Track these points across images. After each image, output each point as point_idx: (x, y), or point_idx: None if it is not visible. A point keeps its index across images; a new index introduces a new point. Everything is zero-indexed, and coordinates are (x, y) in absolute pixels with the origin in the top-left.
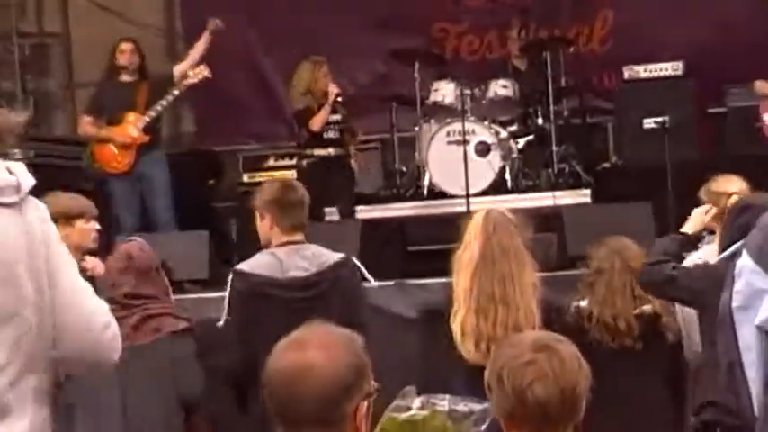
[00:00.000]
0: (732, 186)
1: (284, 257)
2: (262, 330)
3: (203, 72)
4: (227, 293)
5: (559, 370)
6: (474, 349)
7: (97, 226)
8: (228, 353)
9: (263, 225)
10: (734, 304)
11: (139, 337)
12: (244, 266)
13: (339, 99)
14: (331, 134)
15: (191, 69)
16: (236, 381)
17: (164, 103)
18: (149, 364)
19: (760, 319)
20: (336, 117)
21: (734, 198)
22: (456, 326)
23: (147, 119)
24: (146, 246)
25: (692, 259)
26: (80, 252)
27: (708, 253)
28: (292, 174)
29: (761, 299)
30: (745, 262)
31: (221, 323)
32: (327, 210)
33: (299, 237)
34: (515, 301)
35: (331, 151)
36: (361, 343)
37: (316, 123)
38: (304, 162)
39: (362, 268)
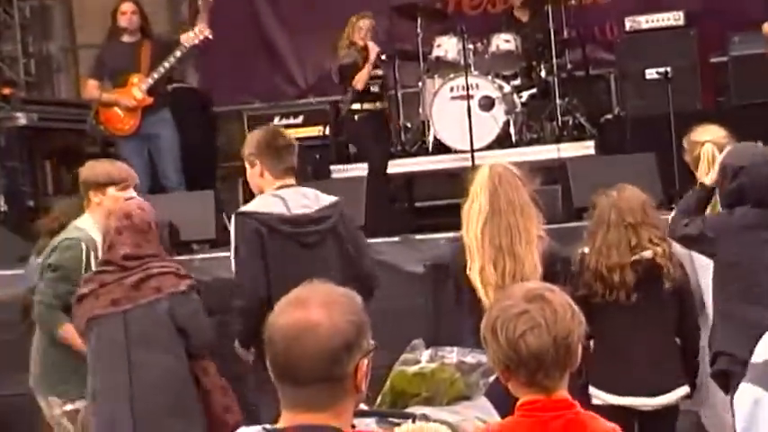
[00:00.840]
0: (705, 135)
1: (287, 196)
2: (276, 267)
3: (204, 32)
4: (232, 236)
5: (551, 319)
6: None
7: (132, 194)
8: (243, 293)
9: (254, 173)
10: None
11: (138, 297)
12: (247, 207)
13: (382, 57)
14: (376, 88)
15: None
16: (250, 323)
17: (166, 64)
18: (151, 323)
19: None
20: (379, 72)
21: (707, 146)
22: (475, 276)
23: (151, 80)
24: (144, 204)
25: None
26: None
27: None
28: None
29: None
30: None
31: (232, 264)
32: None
33: (291, 180)
34: (521, 253)
35: (378, 105)
36: (359, 301)
37: (358, 81)
38: (355, 116)
39: None
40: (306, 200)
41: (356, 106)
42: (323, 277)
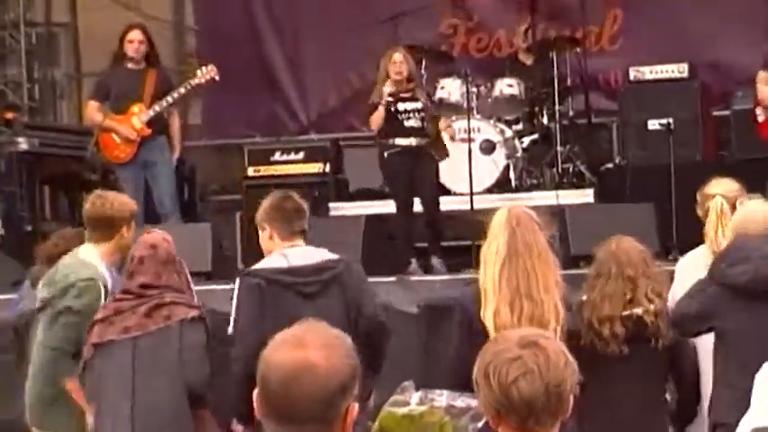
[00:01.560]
0: (717, 188)
1: (290, 254)
2: (271, 319)
3: (211, 73)
4: (235, 296)
5: (545, 366)
6: None
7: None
8: (242, 343)
9: (264, 237)
10: None
11: (150, 324)
12: (251, 267)
13: (390, 99)
14: (412, 122)
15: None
16: (247, 372)
17: (170, 99)
18: (158, 350)
19: None
20: (416, 105)
21: (717, 199)
22: (488, 320)
23: (152, 112)
24: (169, 237)
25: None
26: (114, 258)
27: (696, 257)
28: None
29: None
30: None
31: (230, 328)
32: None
33: (300, 243)
34: (539, 296)
35: (413, 141)
36: (351, 343)
37: (373, 122)
38: (385, 153)
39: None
40: (311, 256)
41: (389, 141)
42: None
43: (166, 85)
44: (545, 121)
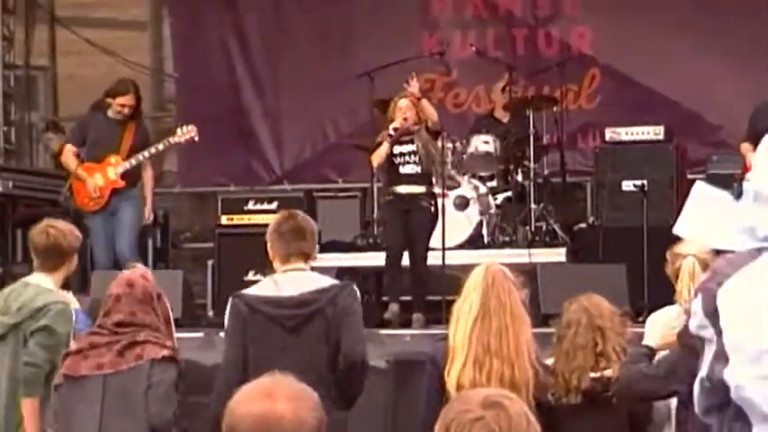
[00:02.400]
0: (690, 249)
1: (280, 280)
2: (253, 347)
3: (191, 133)
4: (226, 319)
5: (506, 427)
6: None
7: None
8: (219, 376)
9: (270, 257)
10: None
11: (122, 363)
12: (241, 292)
13: (391, 133)
14: (408, 169)
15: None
16: (221, 407)
17: (146, 153)
18: (127, 390)
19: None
20: (411, 147)
21: (689, 259)
22: (452, 378)
23: (128, 165)
24: (148, 274)
25: (655, 319)
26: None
27: (668, 313)
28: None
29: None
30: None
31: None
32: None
33: (300, 264)
34: (510, 356)
35: (410, 189)
36: (317, 397)
37: (374, 158)
38: (382, 199)
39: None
40: (302, 283)
41: (389, 188)
42: (303, 362)
43: (145, 139)
44: (519, 178)
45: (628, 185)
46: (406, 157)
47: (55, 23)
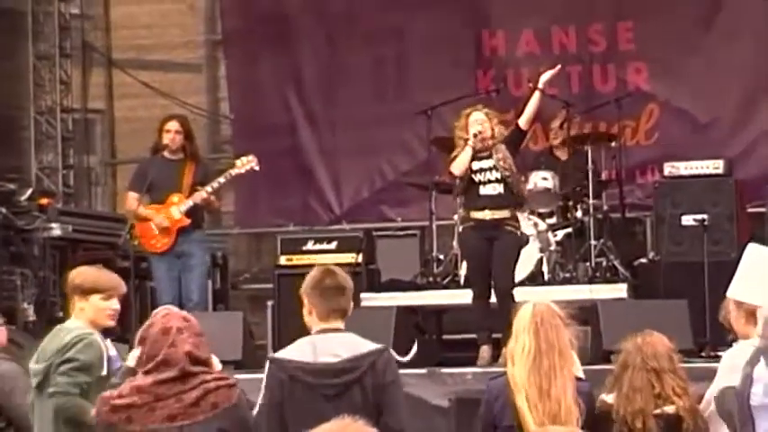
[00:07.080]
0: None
1: (318, 343)
2: (292, 416)
3: (252, 163)
4: (264, 380)
5: None
6: None
7: (116, 305)
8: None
9: (305, 311)
10: (752, 403)
11: (197, 414)
12: (279, 353)
13: (475, 136)
14: (489, 189)
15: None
16: None
17: (209, 188)
18: None
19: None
20: (491, 162)
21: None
22: (521, 413)
23: (191, 202)
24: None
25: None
26: (97, 328)
27: (737, 353)
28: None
29: None
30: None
31: (256, 410)
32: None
33: (336, 324)
34: (557, 396)
35: (488, 214)
36: None
37: (455, 166)
38: (461, 227)
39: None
40: (338, 348)
41: (464, 213)
42: None
43: (205, 176)
44: (579, 214)
45: (688, 220)
46: (487, 174)
47: (111, 67)
